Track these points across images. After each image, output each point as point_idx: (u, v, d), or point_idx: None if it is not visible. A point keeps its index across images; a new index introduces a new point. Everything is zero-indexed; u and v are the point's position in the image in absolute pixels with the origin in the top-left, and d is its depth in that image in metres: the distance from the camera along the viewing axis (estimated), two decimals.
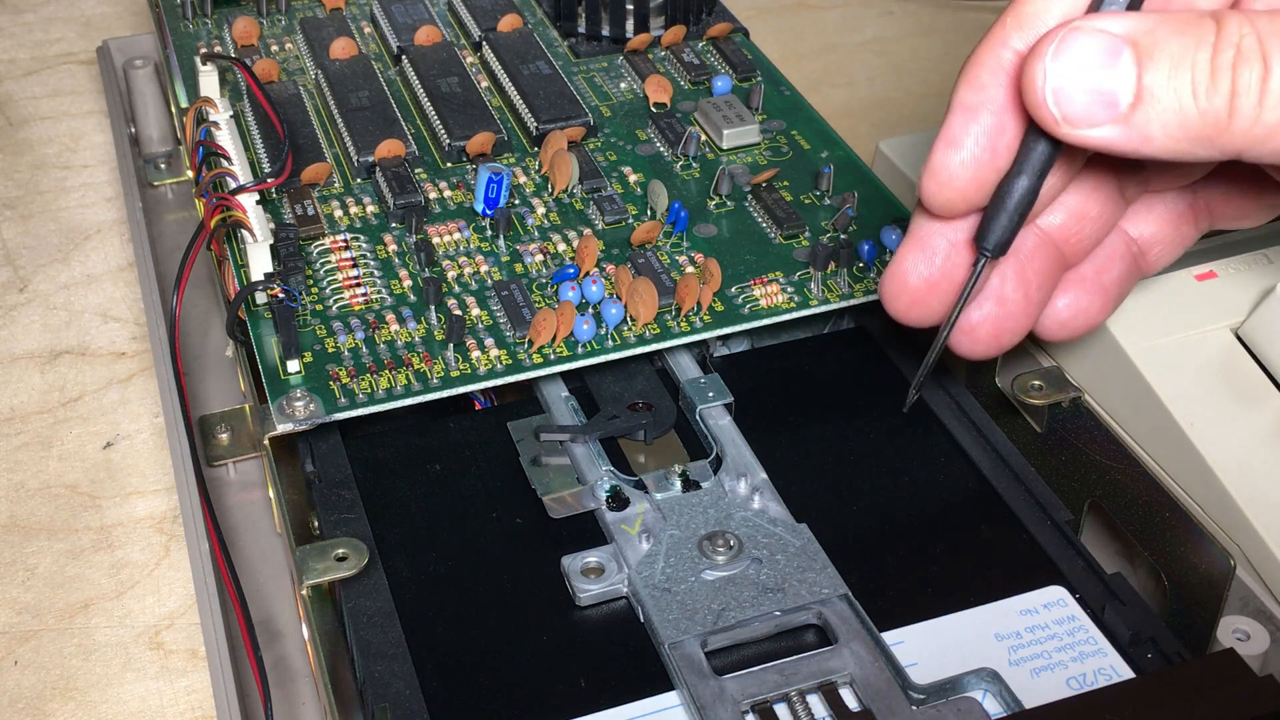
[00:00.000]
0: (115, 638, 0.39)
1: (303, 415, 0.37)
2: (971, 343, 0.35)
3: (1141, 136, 0.28)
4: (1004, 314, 0.34)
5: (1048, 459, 0.39)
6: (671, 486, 0.37)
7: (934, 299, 0.34)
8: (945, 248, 0.33)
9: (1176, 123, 0.28)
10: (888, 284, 0.34)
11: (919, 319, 0.34)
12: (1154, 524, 0.36)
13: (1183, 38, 0.28)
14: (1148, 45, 0.28)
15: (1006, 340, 0.35)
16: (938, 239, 0.33)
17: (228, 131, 0.45)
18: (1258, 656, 0.33)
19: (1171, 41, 0.28)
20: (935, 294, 0.34)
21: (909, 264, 0.34)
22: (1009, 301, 0.34)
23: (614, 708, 0.32)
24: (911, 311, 0.34)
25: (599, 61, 0.53)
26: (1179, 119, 0.28)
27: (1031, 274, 0.34)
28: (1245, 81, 0.27)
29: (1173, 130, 0.28)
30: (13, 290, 0.52)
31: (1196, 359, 0.38)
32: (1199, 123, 0.28)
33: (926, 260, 0.33)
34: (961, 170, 0.32)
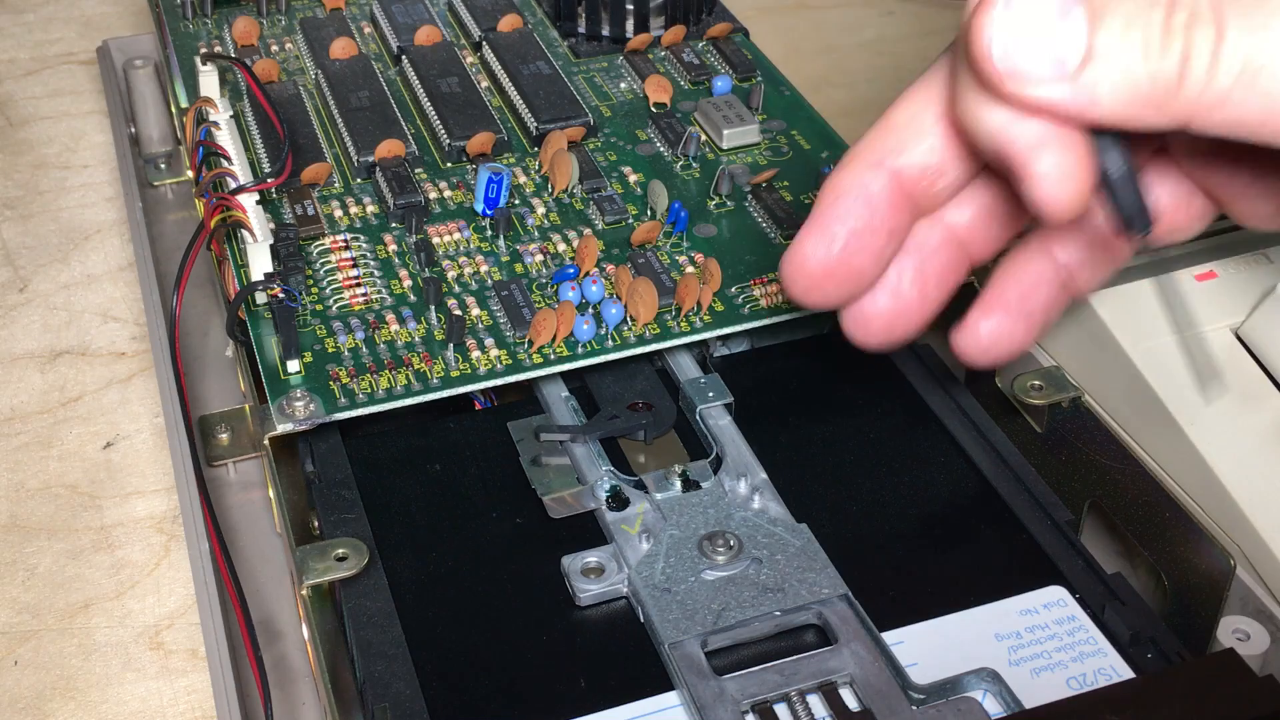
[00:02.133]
0: (115, 638, 0.39)
1: (303, 415, 0.37)
2: (865, 334, 0.34)
3: (1088, 98, 0.27)
4: (898, 309, 0.34)
5: (1048, 459, 0.39)
6: (671, 486, 0.37)
7: (830, 285, 0.33)
8: (845, 235, 0.32)
9: (1125, 84, 0.27)
10: (786, 265, 0.33)
11: (816, 302, 0.34)
12: (1154, 524, 0.36)
13: None
14: (1100, 2, 0.27)
15: (899, 334, 0.34)
16: (837, 226, 0.32)
17: (228, 131, 0.45)
18: (1258, 656, 0.33)
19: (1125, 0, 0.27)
20: (832, 280, 0.33)
21: (809, 248, 0.33)
22: (904, 297, 0.34)
23: (614, 708, 0.32)
24: (809, 295, 0.33)
25: (599, 61, 0.53)
26: (1128, 80, 0.27)
27: (931, 270, 0.34)
28: (1198, 44, 0.26)
29: (1121, 92, 0.27)
30: (13, 290, 0.52)
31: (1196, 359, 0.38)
32: (1148, 85, 0.27)
33: (825, 245, 0.33)
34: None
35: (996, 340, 0.34)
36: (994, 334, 0.34)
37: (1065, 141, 0.28)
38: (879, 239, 0.32)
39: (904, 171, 0.32)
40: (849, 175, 0.32)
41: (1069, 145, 0.28)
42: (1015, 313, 0.34)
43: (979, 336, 0.34)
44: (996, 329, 0.34)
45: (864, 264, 0.33)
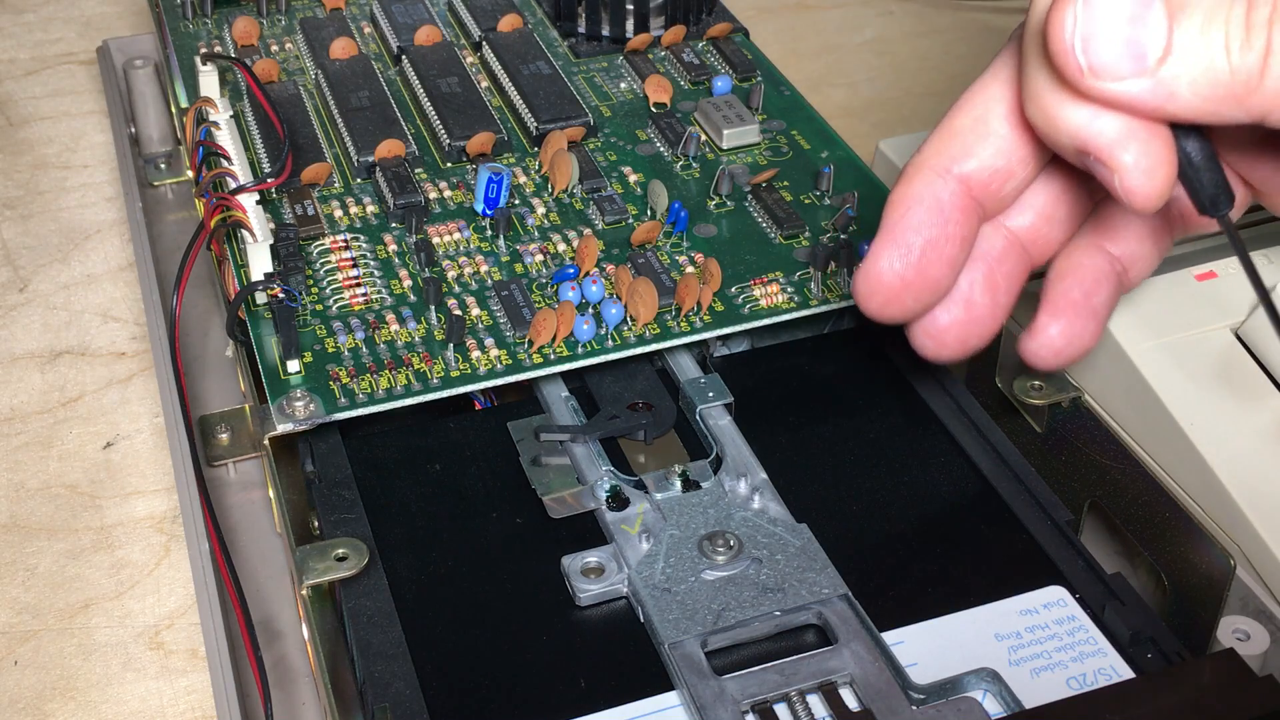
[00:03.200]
0: (115, 638, 0.39)
1: (303, 415, 0.37)
2: (938, 346, 0.34)
3: (1167, 93, 0.27)
4: (971, 318, 0.34)
5: (1048, 459, 0.39)
6: (671, 486, 0.37)
7: (909, 297, 0.33)
8: (920, 245, 0.32)
9: (1205, 80, 0.27)
10: (861, 282, 0.33)
11: (893, 317, 0.34)
12: (1154, 524, 0.36)
13: None
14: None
15: (973, 344, 0.34)
16: (912, 236, 0.32)
17: (228, 131, 0.45)
18: (1258, 656, 0.33)
19: None
20: (910, 292, 0.33)
21: (884, 261, 0.33)
22: (976, 306, 0.34)
23: (614, 708, 0.32)
24: (886, 310, 0.33)
25: (599, 61, 0.53)
26: (1208, 76, 0.27)
27: (1000, 277, 0.34)
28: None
29: (1201, 88, 0.27)
30: (13, 290, 0.52)
31: (1196, 359, 0.38)
32: (1229, 81, 0.27)
33: (902, 258, 0.33)
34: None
35: (1070, 341, 0.34)
36: (1066, 335, 0.34)
37: (1148, 133, 0.28)
38: (953, 247, 0.32)
39: (972, 176, 0.32)
40: (917, 184, 0.32)
41: (1152, 137, 0.28)
42: (1083, 311, 0.34)
43: (1052, 339, 0.34)
44: (1069, 330, 0.34)
45: (940, 274, 0.33)
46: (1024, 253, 0.34)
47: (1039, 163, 0.32)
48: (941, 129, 0.32)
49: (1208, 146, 0.29)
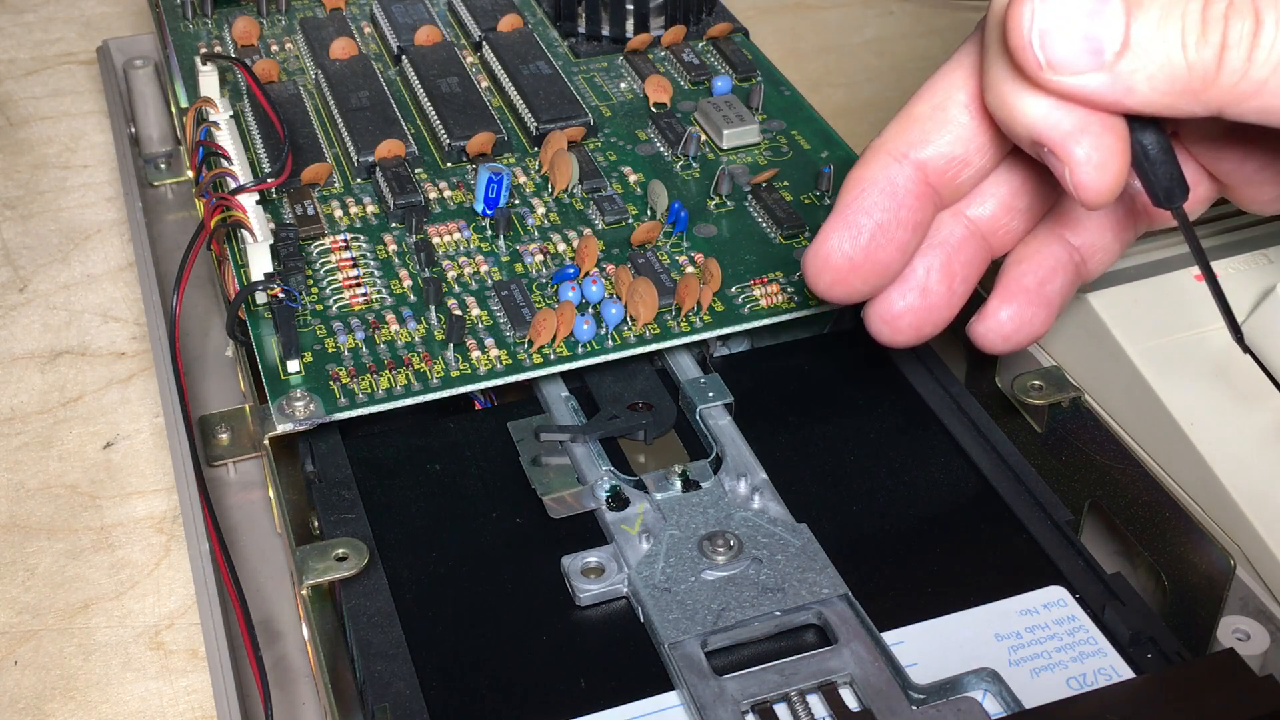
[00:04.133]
0: (115, 638, 0.39)
1: (303, 415, 0.37)
2: (893, 332, 0.34)
3: (1125, 87, 0.27)
4: (927, 305, 0.34)
5: (1048, 459, 0.39)
6: (671, 486, 0.37)
7: (856, 279, 0.33)
8: (870, 228, 0.33)
9: (1162, 74, 0.27)
10: (810, 260, 0.34)
11: (841, 297, 0.34)
12: (1154, 524, 0.36)
13: None
14: None
15: (928, 330, 0.34)
16: (863, 218, 0.33)
17: (228, 131, 0.45)
18: (1258, 656, 0.33)
19: None
20: (858, 274, 0.33)
21: (834, 241, 0.33)
22: (932, 293, 0.34)
23: (614, 708, 0.32)
24: (834, 290, 0.34)
25: (599, 61, 0.53)
26: (1165, 70, 0.27)
27: (957, 265, 0.34)
28: (1236, 34, 0.26)
29: (1158, 82, 0.27)
30: (13, 290, 0.52)
31: (1196, 359, 0.38)
32: (1185, 75, 0.27)
33: (851, 239, 0.33)
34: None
35: (1019, 327, 0.34)
36: (1015, 320, 0.34)
37: (1102, 127, 0.28)
38: (904, 232, 0.33)
39: (929, 163, 0.32)
40: (873, 168, 0.32)
41: (1106, 131, 0.28)
42: (1035, 298, 0.34)
43: (1001, 323, 0.34)
44: (1018, 315, 0.34)
45: (889, 257, 0.33)
46: (984, 242, 0.34)
47: (998, 153, 0.32)
48: (902, 114, 0.33)
49: (1164, 139, 0.29)
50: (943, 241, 0.34)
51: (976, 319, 0.35)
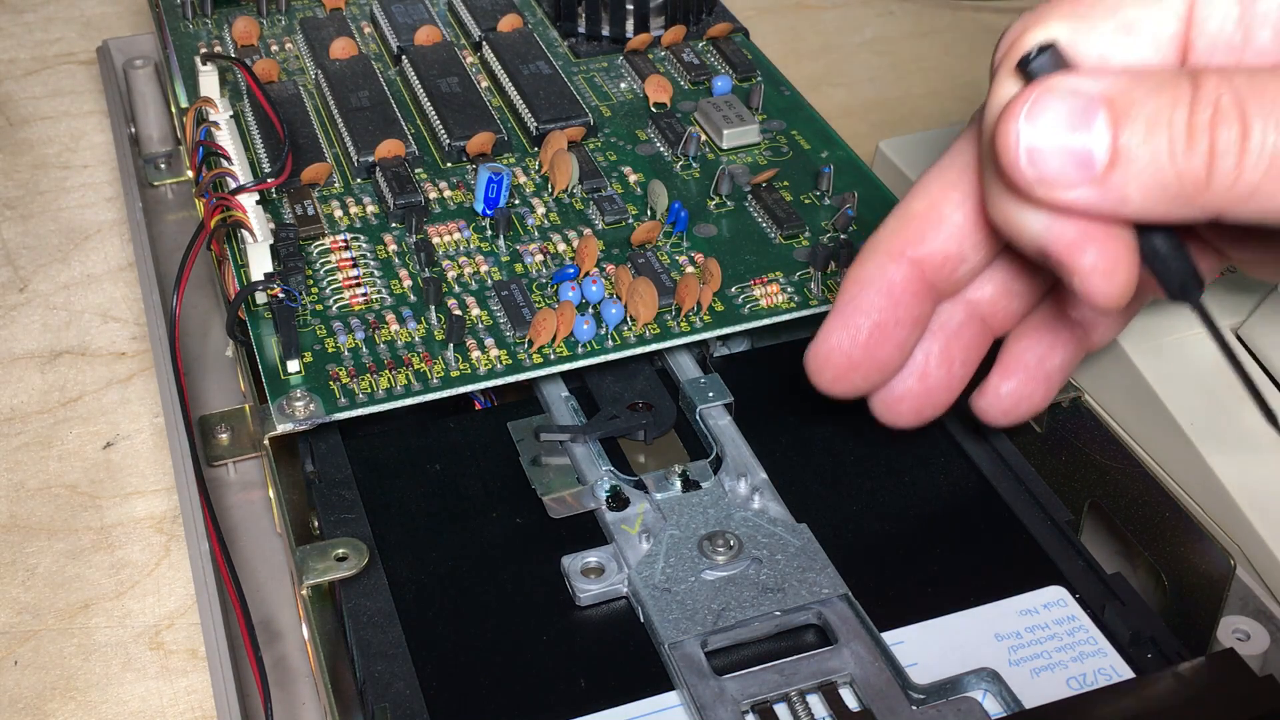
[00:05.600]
0: (115, 638, 0.39)
1: (303, 415, 0.37)
2: (894, 416, 0.35)
3: (1118, 198, 0.27)
4: (926, 390, 0.34)
5: (1048, 459, 0.39)
6: (671, 486, 0.37)
7: (856, 376, 0.34)
8: (868, 328, 0.33)
9: (1154, 184, 0.27)
10: (812, 358, 0.34)
11: (844, 392, 0.34)
12: (1154, 524, 0.36)
13: (1158, 97, 0.27)
14: (1123, 105, 0.27)
15: (929, 414, 0.35)
16: (861, 319, 0.33)
17: (228, 131, 0.45)
18: (1258, 656, 0.33)
19: (1147, 101, 0.27)
20: (858, 371, 0.34)
21: (834, 340, 0.33)
22: (932, 378, 0.34)
23: (614, 708, 0.32)
24: (836, 386, 0.34)
25: (599, 61, 0.53)
26: (1156, 180, 0.27)
27: (957, 350, 0.34)
28: (1224, 142, 0.26)
29: (1150, 192, 0.27)
30: (13, 290, 0.52)
31: (1196, 359, 0.38)
32: (1177, 184, 0.27)
33: (850, 338, 0.33)
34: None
35: (1017, 403, 0.35)
36: (1015, 396, 0.35)
37: (1107, 235, 0.28)
38: (902, 330, 0.33)
39: (925, 260, 0.32)
40: (870, 267, 0.33)
41: (1109, 238, 0.28)
42: (1035, 374, 0.34)
43: (1000, 399, 0.35)
44: (1017, 391, 0.34)
45: (888, 354, 0.33)
46: (983, 325, 0.34)
47: (995, 248, 0.32)
48: (898, 211, 0.33)
49: (1173, 239, 0.29)
50: (942, 326, 0.34)
51: (978, 393, 0.35)
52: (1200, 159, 0.27)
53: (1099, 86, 0.27)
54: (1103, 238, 0.28)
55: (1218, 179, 0.27)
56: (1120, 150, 0.27)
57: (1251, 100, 0.26)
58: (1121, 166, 0.27)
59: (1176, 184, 0.27)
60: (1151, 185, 0.27)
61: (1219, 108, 0.26)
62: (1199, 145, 0.27)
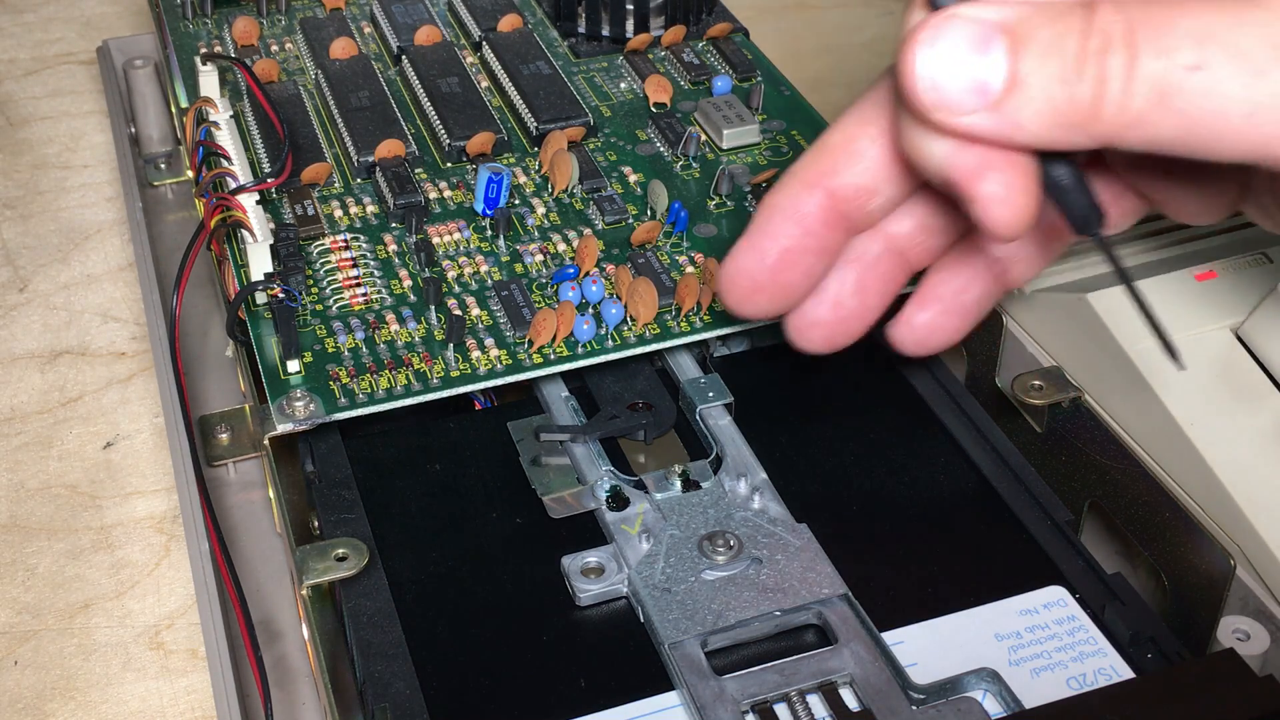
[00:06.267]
0: (115, 638, 0.39)
1: (303, 415, 0.37)
2: (806, 341, 0.35)
3: (1013, 123, 0.28)
4: (839, 318, 0.35)
5: (1048, 459, 0.39)
6: (671, 486, 0.37)
7: (762, 298, 0.34)
8: (776, 252, 0.33)
9: (1047, 110, 0.28)
10: (721, 277, 0.35)
11: (749, 314, 0.35)
12: (1154, 524, 0.36)
13: (1054, 25, 0.27)
14: (1021, 33, 0.27)
15: (840, 341, 0.35)
16: (769, 242, 0.34)
17: (228, 131, 0.45)
18: (1258, 656, 0.33)
19: (1043, 29, 0.27)
20: (764, 294, 0.34)
21: (741, 262, 0.34)
22: (845, 307, 0.35)
23: (614, 708, 0.32)
24: (741, 306, 0.35)
25: (599, 61, 0.53)
26: (1049, 106, 0.27)
27: (872, 281, 0.35)
28: (1112, 69, 0.27)
29: (1044, 118, 0.28)
30: (13, 290, 0.52)
31: (1196, 359, 0.38)
32: (1068, 109, 0.27)
33: (757, 261, 0.34)
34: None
35: (931, 333, 0.35)
36: (928, 327, 0.35)
37: (1007, 164, 0.29)
38: (809, 257, 0.34)
39: (838, 191, 0.33)
40: (783, 194, 0.33)
41: (1010, 167, 0.29)
42: (950, 307, 0.35)
43: (914, 329, 0.35)
44: (932, 322, 0.35)
45: (794, 279, 0.34)
46: (901, 258, 0.35)
47: (908, 183, 0.33)
48: (816, 144, 0.33)
49: (1074, 170, 0.30)
50: (858, 258, 0.35)
51: (893, 322, 0.36)
52: (1089, 86, 0.27)
53: (999, 15, 0.28)
54: (1002, 165, 0.29)
55: (1106, 106, 0.27)
56: (1016, 77, 0.28)
57: (1141, 29, 0.27)
58: (1016, 93, 0.28)
59: (1068, 110, 0.27)
60: (1045, 111, 0.28)
61: (1107, 35, 0.27)
62: (1088, 72, 0.27)
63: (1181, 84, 0.26)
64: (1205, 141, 0.27)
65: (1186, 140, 0.27)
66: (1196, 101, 0.26)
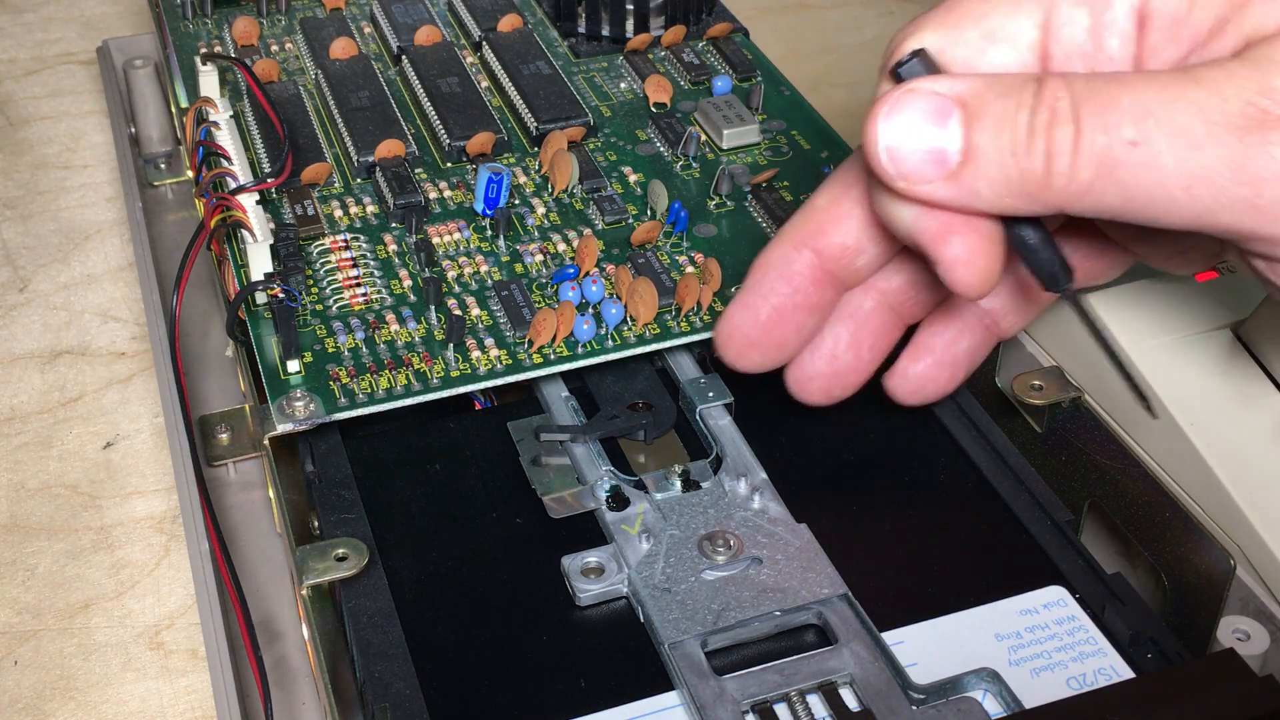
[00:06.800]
0: (115, 638, 0.39)
1: (303, 415, 0.37)
2: (804, 394, 0.37)
3: (970, 192, 0.29)
4: (835, 372, 0.36)
5: (1048, 459, 0.39)
6: (671, 486, 0.37)
7: (756, 354, 0.35)
8: (768, 310, 0.35)
9: (1001, 180, 0.29)
10: (717, 333, 0.36)
11: (745, 368, 0.36)
12: (1154, 524, 0.36)
13: (1005, 100, 0.29)
14: (975, 106, 0.29)
15: (838, 394, 0.37)
16: (761, 301, 0.35)
17: (228, 131, 0.45)
18: (1258, 656, 0.33)
19: (996, 104, 0.29)
20: (757, 350, 0.35)
21: (736, 319, 0.35)
22: (840, 360, 0.36)
23: (614, 708, 0.32)
24: (738, 361, 0.36)
25: (599, 61, 0.53)
26: (1003, 177, 0.29)
27: (866, 336, 0.36)
28: (1059, 143, 0.28)
29: (998, 187, 0.29)
30: (13, 290, 0.52)
31: (1196, 359, 0.38)
32: (1020, 181, 0.29)
33: (750, 318, 0.35)
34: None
35: (924, 384, 0.37)
36: (922, 378, 0.37)
37: (969, 227, 0.30)
38: (801, 313, 0.35)
39: (826, 251, 0.34)
40: (775, 253, 0.35)
41: (973, 230, 0.30)
42: (942, 359, 0.37)
43: (908, 380, 0.37)
44: (925, 373, 0.37)
45: (787, 335, 0.35)
46: (893, 313, 0.36)
47: (892, 243, 0.34)
48: (804, 205, 0.35)
49: (1040, 230, 0.31)
50: (851, 313, 0.36)
51: (889, 374, 0.37)
52: (1039, 158, 0.28)
53: (955, 89, 0.29)
54: (964, 230, 0.30)
55: (1055, 177, 0.28)
56: (971, 148, 0.29)
57: (1086, 104, 0.28)
58: (972, 164, 0.29)
59: (1020, 181, 0.29)
60: (999, 181, 0.29)
61: (1055, 111, 0.28)
62: (1037, 146, 0.28)
63: (1123, 158, 0.27)
64: (1149, 211, 0.28)
65: (1131, 209, 0.28)
66: (1138, 175, 0.27)
